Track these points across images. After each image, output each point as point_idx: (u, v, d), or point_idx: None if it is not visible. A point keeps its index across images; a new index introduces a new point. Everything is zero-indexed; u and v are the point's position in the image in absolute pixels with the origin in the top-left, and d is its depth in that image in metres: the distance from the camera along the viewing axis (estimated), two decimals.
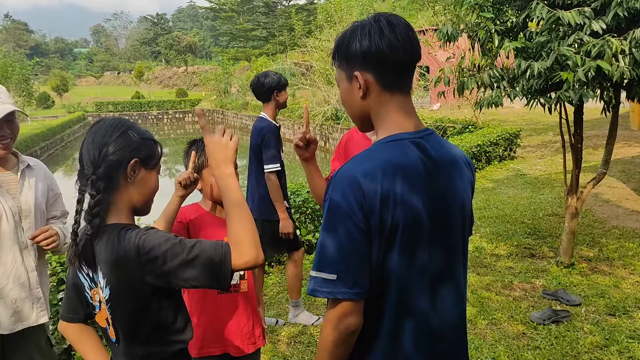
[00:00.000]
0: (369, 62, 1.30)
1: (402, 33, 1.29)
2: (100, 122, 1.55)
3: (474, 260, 5.28)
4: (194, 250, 1.37)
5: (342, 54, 1.35)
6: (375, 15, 1.33)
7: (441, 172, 1.33)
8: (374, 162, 1.25)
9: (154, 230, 1.46)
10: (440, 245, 1.33)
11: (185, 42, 68.23)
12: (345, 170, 1.26)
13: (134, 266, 1.41)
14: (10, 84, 22.79)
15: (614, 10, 3.73)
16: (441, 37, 4.53)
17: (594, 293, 4.36)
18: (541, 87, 4.12)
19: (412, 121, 1.35)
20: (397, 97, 1.33)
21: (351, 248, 1.22)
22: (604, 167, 4.81)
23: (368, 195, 1.21)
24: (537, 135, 14.40)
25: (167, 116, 38.20)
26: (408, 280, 1.28)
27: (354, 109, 1.39)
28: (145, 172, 1.56)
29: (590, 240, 5.67)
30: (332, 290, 1.22)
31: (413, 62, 1.33)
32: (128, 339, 1.51)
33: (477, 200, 7.79)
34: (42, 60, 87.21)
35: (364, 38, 1.29)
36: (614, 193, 7.69)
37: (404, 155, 1.28)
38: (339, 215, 1.22)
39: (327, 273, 1.22)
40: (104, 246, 1.46)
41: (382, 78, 1.31)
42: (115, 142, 1.50)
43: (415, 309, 1.30)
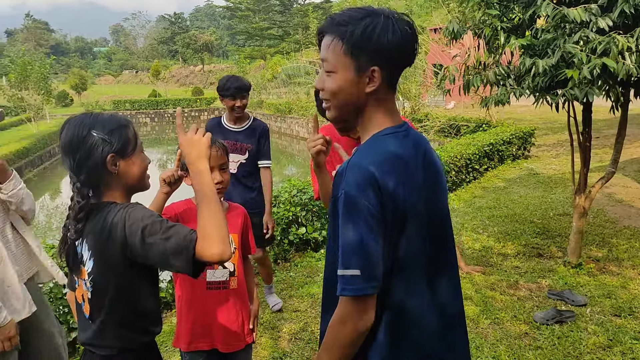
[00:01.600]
0: (390, 59, 1.29)
1: (414, 34, 1.31)
2: (65, 127, 1.57)
3: (481, 259, 5.25)
4: (169, 231, 1.41)
5: (362, 45, 1.27)
6: (389, 12, 1.29)
7: (427, 160, 1.36)
8: (381, 154, 1.27)
9: (141, 206, 1.51)
10: (436, 233, 1.36)
11: (202, 41, 68.62)
12: (355, 163, 1.26)
13: (118, 237, 1.45)
14: (30, 82, 23.12)
15: (621, 7, 3.67)
16: (447, 34, 4.51)
17: (601, 293, 4.31)
18: (547, 85, 4.08)
19: (397, 116, 1.39)
20: (390, 95, 1.37)
21: (371, 241, 1.22)
22: (613, 166, 4.75)
23: (382, 186, 1.22)
24: (553, 134, 14.24)
25: (183, 114, 38.47)
26: (412, 270, 1.31)
27: (349, 100, 1.34)
28: (126, 161, 1.59)
29: (600, 240, 5.60)
30: (359, 287, 1.22)
31: (412, 63, 1.37)
32: (103, 318, 1.54)
33: (487, 200, 7.74)
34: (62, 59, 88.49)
35: (387, 33, 1.25)
36: (627, 193, 7.59)
37: (401, 146, 1.31)
38: (357, 209, 1.22)
39: (352, 269, 1.22)
40: (93, 220, 1.51)
41: (390, 76, 1.32)
42: (83, 147, 1.52)
43: (418, 298, 1.33)
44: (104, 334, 1.55)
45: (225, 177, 2.28)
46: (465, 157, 8.94)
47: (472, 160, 9.17)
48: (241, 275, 2.36)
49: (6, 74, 28.30)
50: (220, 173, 2.26)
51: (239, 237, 2.36)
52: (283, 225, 5.50)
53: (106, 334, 1.55)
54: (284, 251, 5.61)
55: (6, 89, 23.90)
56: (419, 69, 15.75)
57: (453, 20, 4.49)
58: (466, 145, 9.50)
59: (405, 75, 15.37)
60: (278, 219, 5.43)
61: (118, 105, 38.06)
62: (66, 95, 38.98)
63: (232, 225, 2.32)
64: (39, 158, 20.06)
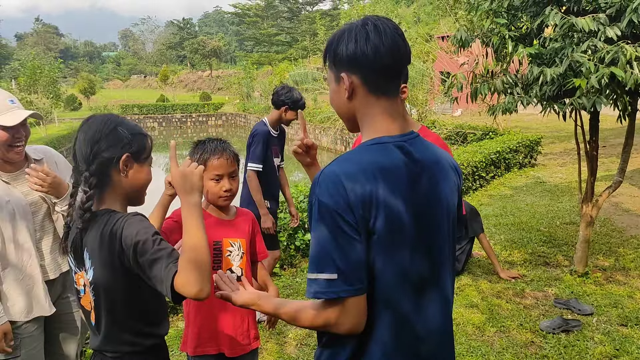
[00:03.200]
0: (355, 65, 1.32)
1: (389, 38, 1.31)
2: (91, 119, 1.62)
3: (486, 267, 5.24)
4: (157, 254, 1.42)
5: (331, 56, 1.37)
6: (364, 18, 1.35)
7: (424, 175, 1.34)
8: (356, 164, 1.27)
9: (139, 218, 1.52)
10: (424, 247, 1.34)
11: (210, 47, 68.93)
12: (327, 171, 1.28)
13: (116, 247, 1.48)
14: (39, 86, 23.32)
15: (629, 16, 3.69)
16: (455, 42, 4.54)
17: (607, 303, 4.30)
18: (554, 94, 4.09)
19: (397, 124, 1.36)
20: (383, 101, 1.35)
21: (346, 244, 1.22)
22: (620, 175, 4.75)
23: (350, 195, 1.23)
24: (559, 143, 14.21)
25: (191, 119, 38.59)
26: (391, 283, 1.29)
27: (340, 109, 1.41)
28: (137, 166, 1.63)
29: (607, 250, 5.58)
30: (335, 290, 1.22)
31: (399, 66, 1.35)
32: (108, 325, 1.57)
33: (494, 208, 7.73)
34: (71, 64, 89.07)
35: (350, 41, 1.31)
36: (634, 202, 7.56)
37: (386, 157, 1.30)
38: (329, 215, 1.23)
39: (328, 273, 1.22)
40: (93, 229, 1.53)
41: (367, 81, 1.33)
42: (106, 139, 1.57)
43: (399, 311, 1.31)
44: (110, 340, 1.57)
45: (235, 185, 2.29)
46: (472, 165, 8.94)
47: (478, 168, 9.17)
48: (249, 279, 2.37)
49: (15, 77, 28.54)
50: (229, 181, 2.27)
51: (247, 242, 2.37)
52: (289, 230, 5.52)
53: (112, 340, 1.57)
54: (290, 257, 5.62)
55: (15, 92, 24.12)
56: (426, 76, 15.77)
57: (461, 29, 4.51)
58: (473, 153, 9.50)
59: (413, 82, 15.40)
60: (284, 225, 5.45)
61: (126, 109, 38.24)
62: (75, 99, 39.20)
63: (240, 231, 2.35)
64: None
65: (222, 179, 2.25)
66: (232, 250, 2.29)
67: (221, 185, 2.24)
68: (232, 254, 2.29)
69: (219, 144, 2.27)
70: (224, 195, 2.26)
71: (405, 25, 32.28)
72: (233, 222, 2.35)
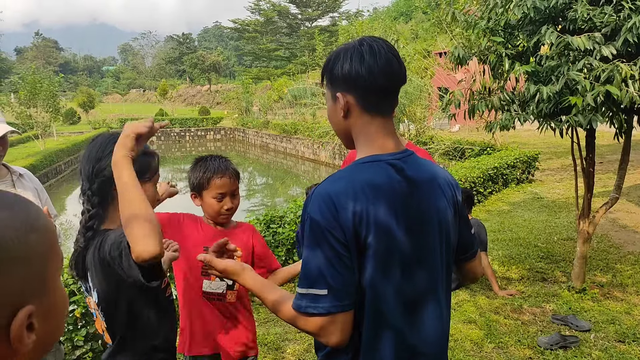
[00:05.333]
0: (350, 85, 1.35)
1: (383, 58, 1.34)
2: (97, 138, 1.64)
3: (484, 282, 5.25)
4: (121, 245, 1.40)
5: (327, 75, 1.41)
6: (360, 39, 1.38)
7: (418, 193, 1.36)
8: (348, 182, 1.30)
9: (116, 231, 1.52)
10: (418, 265, 1.35)
11: (209, 61, 69.30)
12: (320, 189, 1.31)
13: (105, 263, 1.48)
14: (38, 100, 23.36)
15: (624, 35, 3.75)
16: (453, 59, 4.59)
17: (605, 319, 4.31)
18: (551, 111, 4.14)
19: (391, 143, 1.39)
20: (377, 119, 1.38)
21: (337, 261, 1.25)
22: (617, 191, 4.78)
23: (341, 213, 1.25)
24: (557, 159, 14.28)
25: (189, 133, 38.68)
26: (386, 299, 1.31)
27: (337, 127, 1.45)
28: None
29: (605, 266, 5.60)
30: (325, 305, 1.23)
31: (393, 86, 1.39)
32: (119, 344, 1.58)
33: (492, 223, 7.75)
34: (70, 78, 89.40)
35: (346, 62, 1.35)
36: (631, 218, 7.59)
37: (378, 175, 1.32)
38: (321, 231, 1.26)
39: (318, 289, 1.24)
40: (92, 250, 1.54)
41: (362, 101, 1.36)
42: (107, 157, 1.57)
43: (394, 327, 1.33)
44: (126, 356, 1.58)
45: (235, 203, 2.32)
46: (469, 181, 8.98)
47: (476, 184, 9.21)
48: (243, 289, 2.38)
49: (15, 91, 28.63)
50: (231, 200, 2.29)
51: (246, 253, 2.39)
52: (288, 245, 5.53)
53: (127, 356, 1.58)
54: None
55: (15, 106, 24.16)
56: (424, 92, 15.87)
57: (458, 46, 4.57)
58: (470, 169, 9.54)
59: (411, 98, 15.49)
60: (283, 239, 5.46)
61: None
62: (74, 113, 39.29)
63: (237, 241, 2.37)
64: (44, 175, 20.16)
65: (224, 198, 2.27)
66: None
67: (223, 204, 2.27)
68: None
69: (222, 163, 2.30)
70: (225, 213, 2.29)
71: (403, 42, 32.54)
72: (230, 232, 2.38)
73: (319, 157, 22.88)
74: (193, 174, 2.30)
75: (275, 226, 5.61)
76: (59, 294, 0.77)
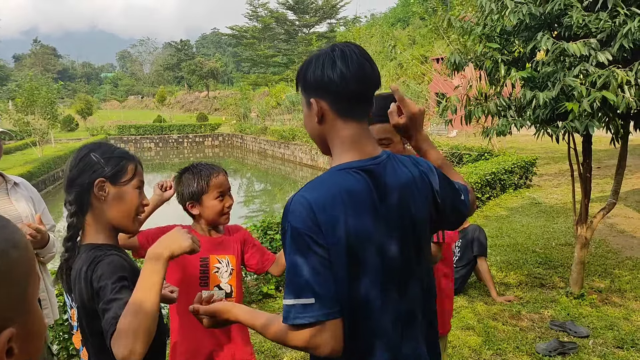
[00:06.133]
0: (323, 91, 1.36)
1: (355, 63, 1.34)
2: (79, 149, 1.64)
3: (482, 288, 5.24)
4: (108, 304, 1.39)
5: (301, 82, 1.42)
6: (332, 45, 1.39)
7: (395, 197, 1.36)
8: (324, 189, 1.30)
9: (109, 260, 1.49)
10: (395, 270, 1.35)
11: (207, 68, 69.35)
12: (298, 197, 1.30)
13: (88, 285, 1.47)
14: (36, 107, 23.38)
15: (620, 41, 3.75)
16: (449, 65, 4.60)
17: (603, 325, 4.30)
18: (548, 117, 4.14)
19: (367, 147, 1.39)
20: (352, 125, 1.38)
21: (322, 268, 1.24)
22: (614, 197, 4.78)
23: (320, 221, 1.25)
24: (555, 164, 14.29)
25: (187, 140, 38.66)
26: (369, 306, 1.31)
27: (313, 132, 1.45)
28: (116, 189, 1.59)
29: (603, 271, 5.59)
30: (314, 314, 1.22)
31: (367, 91, 1.39)
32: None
33: (490, 229, 7.73)
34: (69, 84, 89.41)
35: (318, 68, 1.36)
36: (629, 224, 7.59)
37: (353, 182, 1.32)
38: (302, 239, 1.25)
39: (305, 298, 1.23)
40: (78, 268, 1.52)
41: (335, 106, 1.37)
42: (77, 167, 1.57)
43: (383, 337, 1.33)
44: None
45: (231, 202, 2.36)
46: None
47: (474, 189, 9.20)
48: (239, 297, 2.37)
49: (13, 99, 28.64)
50: (229, 197, 2.35)
51: (237, 259, 2.39)
52: None
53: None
54: None
55: (12, 113, 24.16)
56: (421, 97, 15.89)
57: (455, 52, 4.58)
58: (468, 174, 9.54)
59: None
60: (280, 246, 5.44)
61: (123, 130, 38.30)
62: (72, 120, 39.26)
63: (229, 248, 2.37)
64: (42, 182, 20.13)
65: (224, 196, 2.32)
66: (219, 267, 2.31)
67: (224, 203, 2.31)
68: (219, 271, 2.31)
69: (209, 165, 2.36)
70: (227, 211, 2.33)
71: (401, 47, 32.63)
72: (221, 239, 2.38)
73: (317, 163, 22.88)
74: (185, 184, 2.29)
75: (272, 233, 5.59)
76: (37, 315, 0.74)
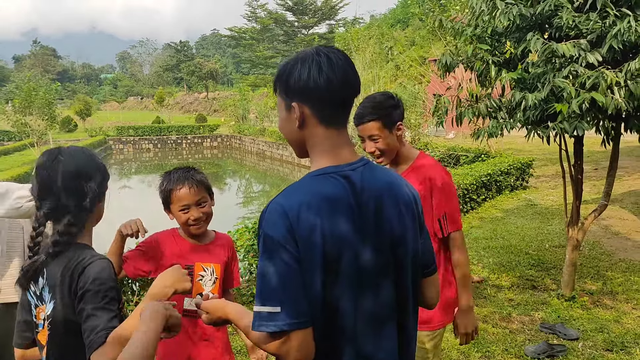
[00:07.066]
0: (307, 96, 1.32)
1: (341, 70, 1.32)
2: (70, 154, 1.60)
3: (474, 290, 5.21)
4: (97, 312, 1.41)
5: (282, 85, 1.37)
6: (316, 48, 1.35)
7: (370, 203, 1.33)
8: (301, 196, 1.27)
9: (105, 265, 1.50)
10: (373, 277, 1.32)
11: (206, 69, 69.45)
12: (274, 203, 1.28)
13: (74, 284, 1.47)
14: (34, 108, 23.37)
15: (610, 42, 3.73)
16: (440, 67, 4.58)
17: (594, 327, 4.27)
18: (538, 118, 4.12)
19: (345, 154, 1.36)
20: (332, 131, 1.35)
21: (291, 277, 1.21)
22: (605, 199, 4.76)
23: (295, 227, 1.22)
24: (552, 165, 14.26)
25: (186, 141, 38.64)
26: (345, 314, 1.28)
27: (290, 136, 1.41)
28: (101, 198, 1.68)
29: (595, 273, 5.57)
30: (278, 323, 1.19)
31: (350, 97, 1.36)
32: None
33: (484, 230, 7.72)
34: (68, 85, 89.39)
35: (303, 72, 1.31)
36: (624, 225, 7.57)
37: (331, 188, 1.29)
38: (274, 247, 1.22)
39: (270, 306, 1.21)
40: (58, 263, 1.52)
41: (318, 112, 1.33)
42: (98, 173, 1.62)
43: (357, 343, 1.30)
44: None
45: (205, 212, 2.25)
46: (462, 188, 8.95)
47: (469, 191, 9.18)
48: None
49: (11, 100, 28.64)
50: (197, 209, 2.22)
51: (222, 267, 2.35)
52: None
53: None
54: None
55: (10, 114, 24.13)
56: (418, 99, 15.90)
57: (446, 53, 4.56)
58: (463, 176, 9.52)
59: (406, 105, 15.51)
60: None
61: (122, 131, 38.27)
62: (70, 121, 39.25)
63: (215, 256, 2.32)
64: None
65: (189, 209, 2.21)
66: (204, 275, 2.27)
67: (189, 215, 2.21)
68: (204, 279, 2.27)
69: (182, 173, 2.24)
70: (192, 224, 2.23)
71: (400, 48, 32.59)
72: (208, 246, 2.33)
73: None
74: (159, 189, 2.27)
75: None
76: None
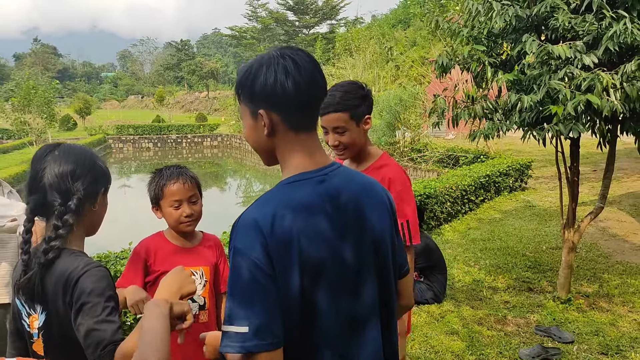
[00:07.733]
0: (274, 103, 1.26)
1: (308, 72, 1.27)
2: (65, 151, 1.55)
3: (470, 292, 5.20)
4: (100, 325, 1.36)
5: (246, 91, 1.30)
6: (280, 50, 1.29)
7: (348, 206, 1.30)
8: (274, 205, 1.23)
9: (101, 274, 1.45)
10: (353, 282, 1.29)
11: (207, 68, 69.38)
12: (244, 215, 1.23)
13: (68, 295, 1.41)
14: (32, 107, 23.37)
15: (605, 44, 3.72)
16: (437, 68, 4.56)
17: (589, 330, 4.25)
18: (534, 120, 4.10)
19: (317, 159, 1.32)
20: (302, 136, 1.31)
21: (262, 296, 1.16)
22: (602, 201, 4.74)
23: (269, 241, 1.18)
24: (551, 167, 14.23)
25: (186, 140, 38.55)
26: (325, 321, 1.24)
27: (259, 145, 1.34)
28: (104, 198, 1.62)
29: (592, 276, 5.55)
30: (243, 345, 1.13)
31: (318, 100, 1.32)
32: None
33: (482, 232, 7.70)
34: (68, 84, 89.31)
35: (269, 77, 1.25)
36: (621, 227, 7.54)
37: (306, 194, 1.26)
38: (245, 263, 1.17)
39: (238, 325, 1.15)
40: (51, 271, 1.46)
41: (287, 118, 1.28)
42: (89, 174, 1.54)
43: (338, 349, 1.27)
44: None
45: (196, 209, 2.25)
46: (460, 188, 8.93)
47: (467, 192, 9.15)
48: (212, 308, 2.33)
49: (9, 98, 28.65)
50: (189, 206, 2.22)
51: (211, 270, 2.33)
52: None
53: None
54: None
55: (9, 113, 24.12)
56: (418, 99, 15.86)
57: (443, 54, 4.54)
58: (462, 177, 9.50)
59: (406, 105, 15.50)
60: None
61: (121, 130, 38.19)
62: (69, 119, 39.20)
63: (203, 259, 2.30)
64: None
65: (181, 205, 2.21)
66: (193, 279, 2.25)
67: (181, 211, 2.20)
68: None
69: (175, 170, 2.24)
70: (184, 220, 2.22)
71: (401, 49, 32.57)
72: (195, 249, 2.31)
73: None
74: (149, 186, 2.25)
75: None
76: None
